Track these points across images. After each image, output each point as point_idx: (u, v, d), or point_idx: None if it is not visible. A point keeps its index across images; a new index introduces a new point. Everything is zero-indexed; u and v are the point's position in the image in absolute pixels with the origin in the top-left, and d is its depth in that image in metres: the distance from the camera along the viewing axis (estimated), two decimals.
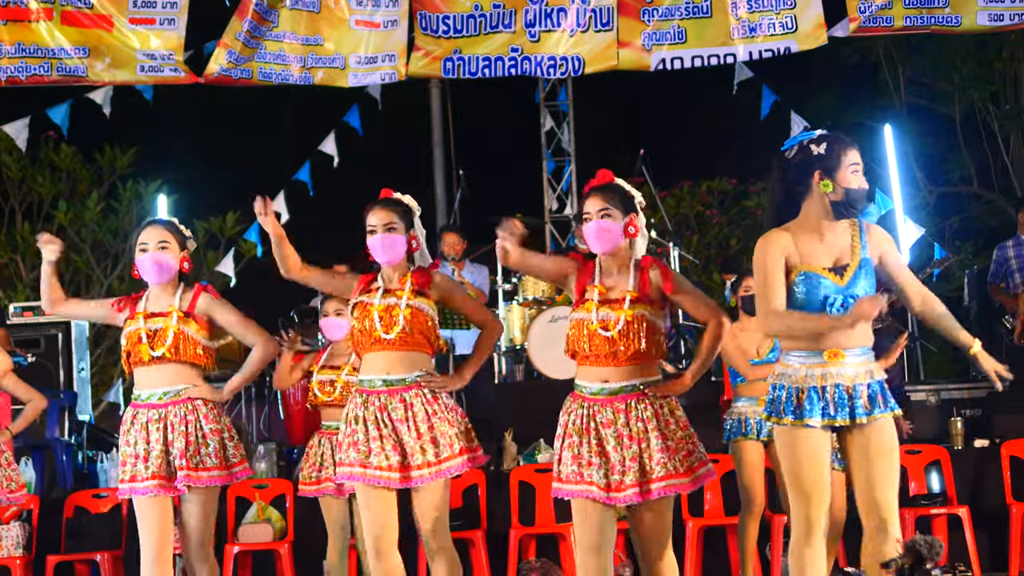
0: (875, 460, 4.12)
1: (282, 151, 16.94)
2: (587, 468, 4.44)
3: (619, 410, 4.47)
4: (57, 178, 13.73)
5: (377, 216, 4.95)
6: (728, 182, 15.24)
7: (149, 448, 5.04)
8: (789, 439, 4.17)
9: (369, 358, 4.89)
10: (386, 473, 4.75)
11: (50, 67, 9.69)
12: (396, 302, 4.86)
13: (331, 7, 10.06)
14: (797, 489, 4.16)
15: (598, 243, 4.58)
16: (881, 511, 4.12)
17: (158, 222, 5.28)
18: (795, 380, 4.19)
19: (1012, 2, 9.82)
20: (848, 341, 4.15)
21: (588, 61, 10.12)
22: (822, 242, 4.21)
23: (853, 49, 15.17)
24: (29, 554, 7.57)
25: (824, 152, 4.20)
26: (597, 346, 4.48)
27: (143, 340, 5.06)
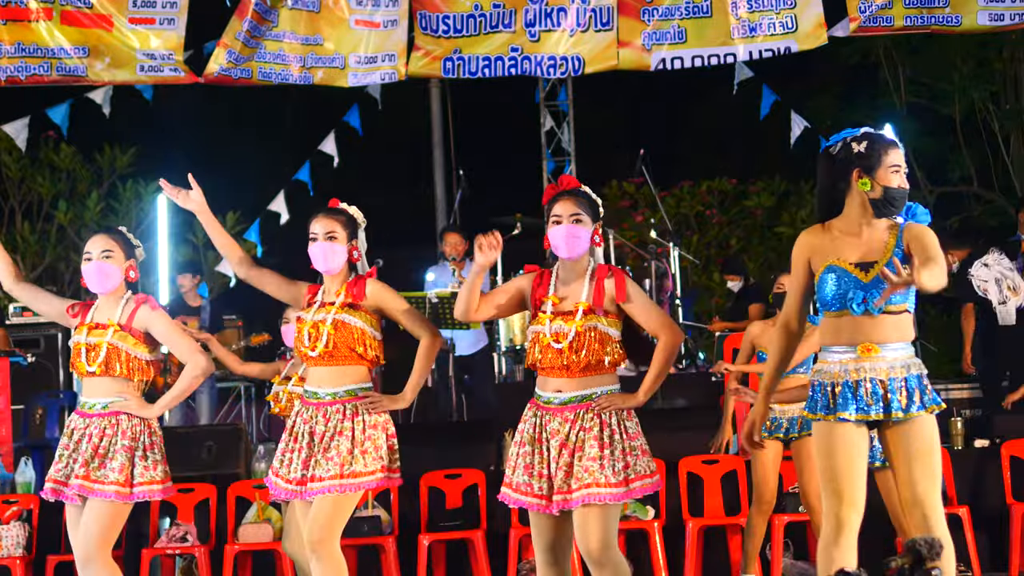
0: (915, 457, 4.10)
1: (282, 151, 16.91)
2: (537, 480, 4.49)
3: (567, 420, 4.51)
4: (57, 178, 13.74)
5: (320, 224, 4.96)
6: (728, 182, 15.23)
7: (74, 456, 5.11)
8: (823, 434, 4.15)
9: (310, 371, 4.96)
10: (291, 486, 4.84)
11: (50, 67, 9.69)
12: (324, 316, 4.88)
13: (331, 7, 10.06)
14: (829, 487, 4.13)
15: (568, 248, 4.58)
16: (924, 508, 4.08)
17: (104, 231, 5.31)
18: (831, 376, 4.18)
19: (1012, 2, 9.82)
20: (882, 336, 4.13)
21: (588, 61, 10.12)
22: (859, 239, 4.21)
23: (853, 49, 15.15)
24: (29, 554, 7.57)
25: (864, 150, 4.20)
26: (551, 358, 4.52)
27: (81, 355, 5.11)
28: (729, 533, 7.52)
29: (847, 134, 4.29)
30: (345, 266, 4.99)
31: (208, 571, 7.44)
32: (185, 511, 7.74)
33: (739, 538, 7.39)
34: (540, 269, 4.71)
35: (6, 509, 7.65)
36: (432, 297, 8.88)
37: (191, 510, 7.74)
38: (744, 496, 7.48)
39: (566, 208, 4.58)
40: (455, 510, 7.55)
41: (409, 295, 9.06)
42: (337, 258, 4.95)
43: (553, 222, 4.59)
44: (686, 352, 10.15)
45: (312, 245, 4.96)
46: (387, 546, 7.35)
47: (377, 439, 4.86)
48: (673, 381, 9.42)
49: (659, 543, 7.18)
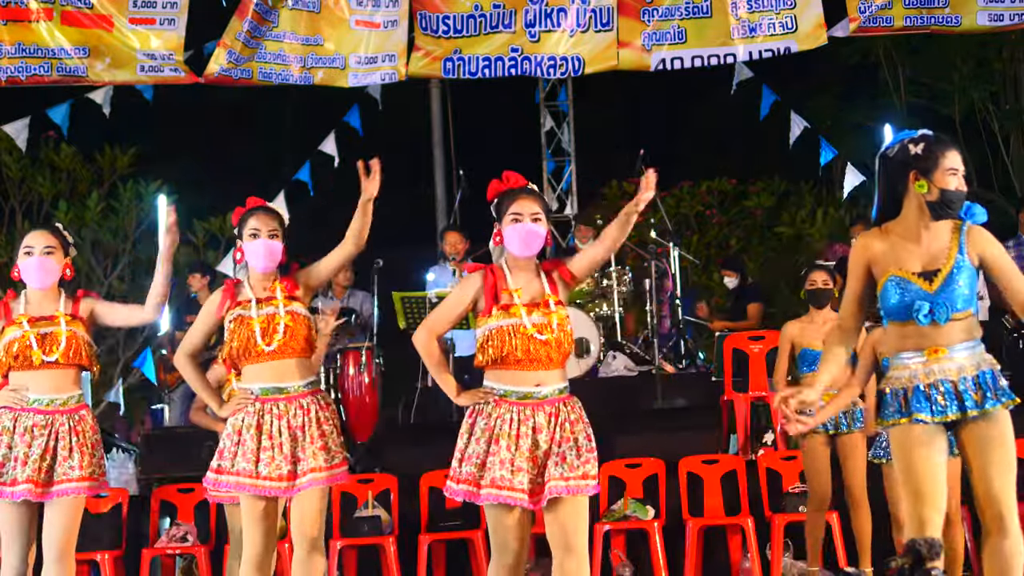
0: (989, 453, 4.07)
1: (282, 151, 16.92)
2: (517, 474, 4.43)
3: (550, 414, 4.50)
4: (57, 178, 13.73)
5: (262, 221, 4.98)
6: (728, 182, 15.23)
7: (30, 452, 5.06)
8: (901, 438, 4.14)
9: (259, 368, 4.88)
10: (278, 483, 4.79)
11: (50, 67, 9.70)
12: (275, 311, 4.88)
13: (331, 7, 10.06)
14: (909, 487, 4.11)
15: (527, 246, 4.59)
16: (999, 506, 4.06)
17: (46, 227, 5.35)
18: (902, 382, 4.17)
19: (1012, 2, 9.83)
20: (948, 339, 4.12)
21: (588, 61, 10.12)
22: (919, 244, 4.18)
23: (853, 49, 15.16)
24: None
25: (921, 152, 4.19)
26: (534, 351, 4.49)
27: (32, 345, 5.08)
28: (729, 533, 7.53)
29: (905, 136, 4.27)
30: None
31: (208, 571, 7.44)
32: (185, 511, 7.74)
33: (739, 538, 7.40)
34: (484, 266, 4.69)
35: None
36: (432, 297, 8.88)
37: (191, 510, 7.74)
38: (744, 496, 7.49)
39: (527, 207, 4.60)
40: (455, 510, 7.55)
41: (410, 295, 9.07)
42: (278, 254, 4.99)
43: (512, 219, 4.59)
44: (686, 352, 10.15)
45: (252, 242, 4.97)
46: (387, 546, 7.35)
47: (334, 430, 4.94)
48: (673, 381, 9.43)
49: (659, 543, 7.19)
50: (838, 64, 15.56)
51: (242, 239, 5.02)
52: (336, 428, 4.94)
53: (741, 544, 7.39)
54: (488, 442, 4.50)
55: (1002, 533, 4.05)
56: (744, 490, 7.50)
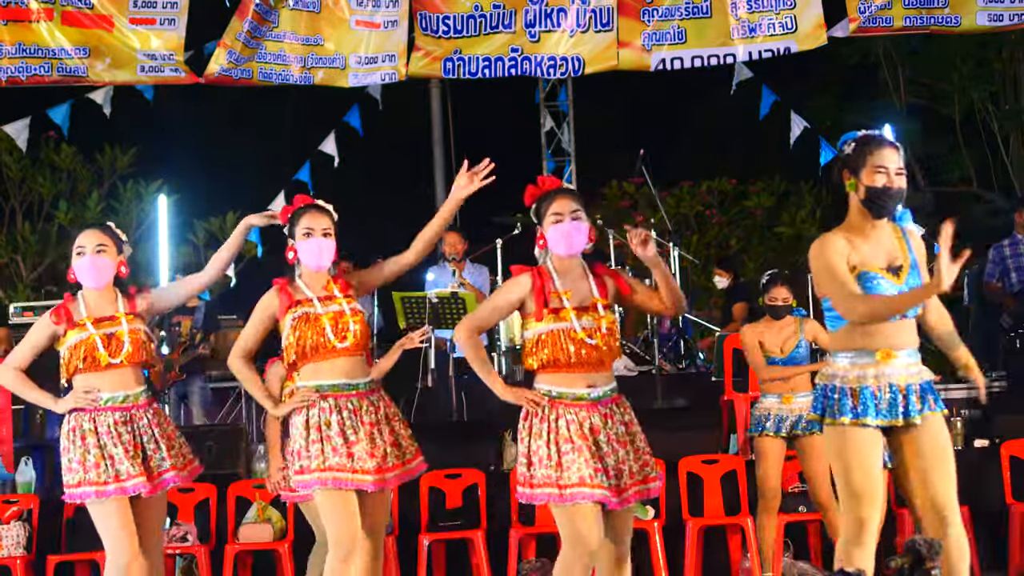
0: (931, 458, 4.11)
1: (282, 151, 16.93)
2: (598, 475, 4.43)
3: (604, 415, 4.52)
4: (57, 178, 13.74)
5: (316, 221, 4.98)
6: (728, 182, 15.23)
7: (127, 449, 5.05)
8: (842, 439, 4.14)
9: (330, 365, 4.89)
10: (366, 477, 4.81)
11: (50, 67, 9.71)
12: (341, 308, 4.92)
13: (331, 7, 10.07)
14: (848, 489, 4.13)
15: (570, 244, 4.57)
16: (942, 509, 4.10)
17: (96, 226, 5.29)
18: (848, 380, 4.17)
19: (1012, 2, 9.84)
20: (900, 341, 4.14)
21: (588, 61, 10.13)
22: (872, 242, 4.21)
23: (853, 49, 15.17)
24: (29, 554, 7.57)
25: (852, 151, 4.22)
26: (585, 355, 4.48)
27: (99, 347, 5.07)
28: (729, 533, 7.53)
29: (849, 137, 4.30)
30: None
31: (208, 571, 7.44)
32: (185, 511, 7.74)
33: (739, 538, 7.40)
34: (530, 268, 4.65)
35: (6, 509, 7.65)
36: (432, 297, 8.88)
37: (191, 510, 7.74)
38: (744, 496, 7.49)
39: (566, 205, 4.56)
40: (455, 510, 7.56)
41: (410, 295, 9.07)
42: (332, 254, 5.00)
43: (553, 220, 4.56)
44: (686, 352, 10.15)
45: (307, 241, 4.96)
46: (387, 546, 7.35)
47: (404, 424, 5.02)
48: (673, 381, 9.43)
49: (659, 543, 7.19)
50: (838, 64, 15.57)
51: (294, 238, 4.99)
52: (404, 423, 5.00)
53: (741, 544, 7.39)
54: (556, 443, 4.48)
55: (947, 535, 4.10)
56: (744, 490, 7.50)
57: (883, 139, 4.27)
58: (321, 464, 4.75)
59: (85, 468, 5.03)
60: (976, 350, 9.08)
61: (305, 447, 4.80)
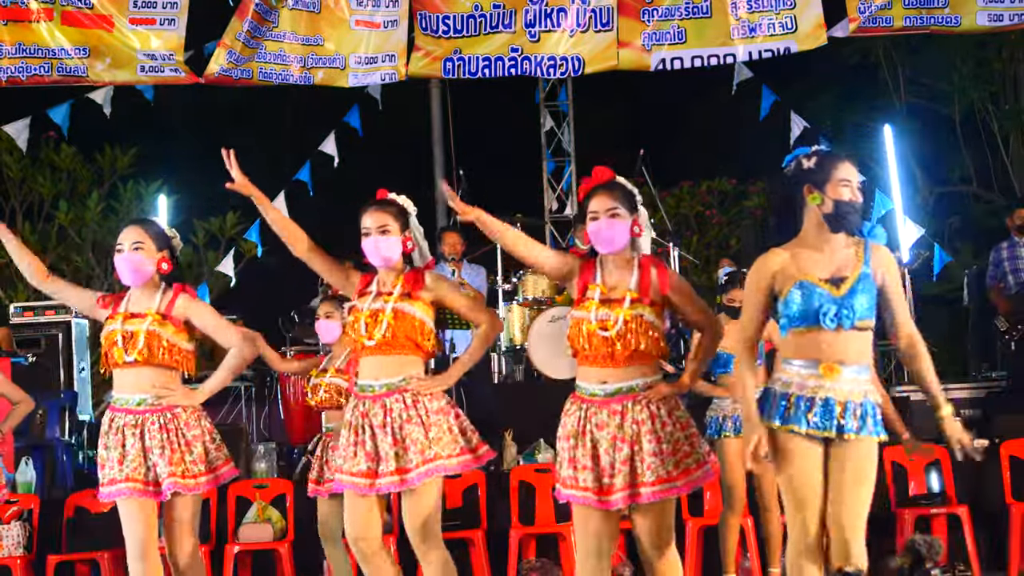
0: (848, 478, 4.11)
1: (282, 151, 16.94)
2: (581, 472, 4.43)
3: (615, 412, 4.45)
4: (58, 178, 13.74)
5: (371, 218, 4.92)
6: (728, 182, 15.25)
7: (125, 452, 5.00)
8: (779, 444, 4.17)
9: (363, 362, 4.91)
10: (358, 479, 4.80)
11: (50, 67, 9.71)
12: (383, 306, 4.85)
13: (331, 7, 10.07)
14: (790, 495, 4.17)
15: (606, 243, 4.53)
16: (844, 530, 4.09)
17: (137, 222, 5.23)
18: (787, 386, 4.19)
19: (1012, 2, 9.84)
20: (846, 355, 4.14)
21: (588, 61, 10.13)
22: (822, 254, 4.22)
23: (853, 49, 15.19)
24: (30, 554, 7.58)
25: (814, 166, 4.24)
26: (596, 346, 4.46)
27: (118, 343, 5.01)
28: None
29: (798, 153, 4.32)
30: (401, 258, 4.97)
31: (208, 571, 7.43)
32: None
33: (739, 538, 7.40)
34: (584, 257, 4.64)
35: (7, 509, 7.65)
36: None
37: None
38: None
39: (602, 203, 4.53)
40: (455, 510, 7.55)
41: None
42: (392, 250, 4.92)
43: (590, 218, 4.54)
44: (686, 352, 10.14)
45: (365, 240, 4.93)
46: (387, 546, 7.34)
47: (444, 423, 4.85)
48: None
49: None
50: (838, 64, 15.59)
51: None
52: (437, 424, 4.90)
53: (741, 544, 7.38)
54: (563, 439, 4.53)
55: (843, 554, 4.08)
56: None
57: (841, 153, 4.33)
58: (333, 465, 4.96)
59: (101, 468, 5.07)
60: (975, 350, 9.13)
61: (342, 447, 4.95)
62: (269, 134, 18.30)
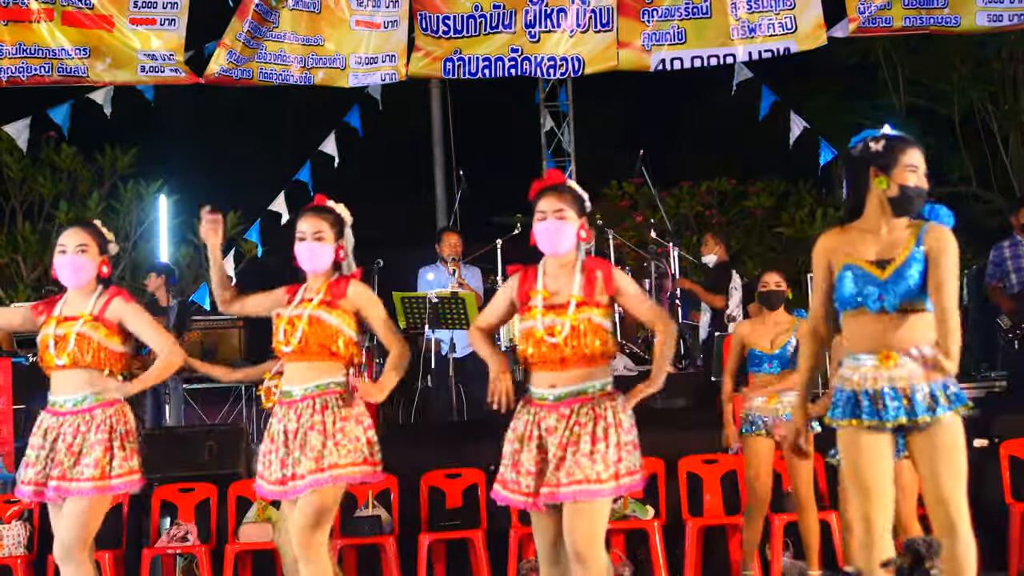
0: (939, 459, 4.09)
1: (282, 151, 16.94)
2: (524, 477, 4.44)
3: (563, 416, 4.46)
4: (58, 178, 13.75)
5: (308, 224, 4.96)
6: (728, 182, 15.25)
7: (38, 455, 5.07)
8: (848, 439, 4.17)
9: (286, 368, 4.97)
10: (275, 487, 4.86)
11: (51, 67, 9.72)
12: (301, 312, 4.90)
13: (332, 7, 10.08)
14: (856, 489, 4.15)
15: (551, 244, 4.55)
16: (949, 511, 4.08)
17: (80, 224, 5.24)
18: (852, 383, 4.19)
19: (1011, 2, 9.85)
20: (899, 341, 4.13)
21: (588, 61, 10.14)
22: (877, 236, 4.23)
23: (852, 49, 15.18)
24: (30, 553, 7.58)
25: (881, 149, 4.23)
26: (544, 353, 4.47)
27: (50, 346, 5.05)
28: (729, 533, 7.53)
29: (866, 135, 4.32)
30: (331, 265, 5.01)
31: (209, 571, 7.44)
32: (186, 511, 7.75)
33: (739, 537, 7.40)
34: (523, 267, 4.68)
35: (7, 509, 7.65)
36: (432, 297, 8.89)
37: (192, 510, 7.75)
38: (744, 496, 7.49)
39: (550, 204, 4.55)
40: (455, 510, 7.56)
41: (409, 295, 9.07)
42: (324, 258, 4.97)
43: (538, 218, 4.57)
44: (685, 352, 10.15)
45: (299, 244, 4.97)
46: (387, 546, 7.36)
47: (351, 431, 4.87)
48: (672, 381, 9.40)
49: (659, 543, 7.19)
50: (838, 64, 15.59)
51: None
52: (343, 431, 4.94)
53: (741, 544, 7.38)
54: (510, 442, 4.56)
55: (953, 537, 4.07)
56: (744, 490, 7.49)
57: (910, 139, 4.30)
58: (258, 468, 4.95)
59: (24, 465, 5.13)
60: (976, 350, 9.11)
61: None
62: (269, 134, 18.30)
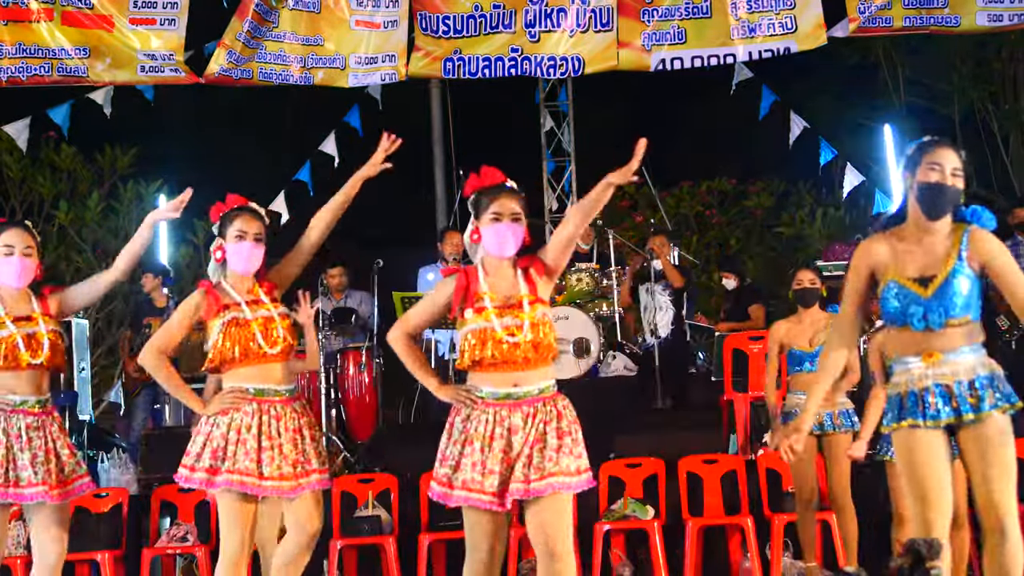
0: (987, 457, 4.07)
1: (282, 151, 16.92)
2: (488, 477, 4.37)
3: (528, 414, 4.42)
4: (58, 178, 13.74)
5: (249, 224, 4.94)
6: (728, 182, 15.25)
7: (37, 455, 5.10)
8: (902, 442, 4.16)
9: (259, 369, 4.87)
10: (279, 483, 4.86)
11: (51, 67, 9.71)
12: (270, 313, 4.89)
13: (331, 7, 10.08)
14: (913, 491, 4.12)
15: (506, 246, 4.52)
16: (997, 510, 4.06)
17: (22, 226, 5.25)
18: (899, 387, 4.18)
19: (1011, 2, 9.84)
20: (943, 344, 4.12)
21: (588, 61, 10.14)
22: (919, 247, 4.19)
23: (853, 49, 15.17)
24: (30, 554, 7.57)
25: (912, 152, 4.24)
26: (505, 352, 4.40)
27: (20, 346, 5.04)
28: (729, 533, 7.53)
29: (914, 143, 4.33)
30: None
31: (208, 571, 7.44)
32: (185, 511, 7.75)
33: (739, 538, 7.41)
34: (459, 269, 4.61)
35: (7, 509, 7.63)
36: None
37: (191, 510, 7.74)
38: (744, 496, 7.49)
39: (507, 206, 4.52)
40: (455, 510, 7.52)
41: (410, 295, 9.07)
42: (258, 260, 4.98)
43: (492, 219, 4.51)
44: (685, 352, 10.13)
45: (239, 244, 4.92)
46: (387, 546, 7.36)
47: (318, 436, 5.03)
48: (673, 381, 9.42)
49: (659, 543, 7.19)
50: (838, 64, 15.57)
51: (225, 239, 4.95)
52: (320, 434, 5.06)
53: (741, 544, 7.39)
54: (463, 444, 4.44)
55: (1002, 537, 4.05)
56: (744, 490, 7.50)
57: (942, 140, 4.26)
58: (230, 466, 4.76)
59: None
60: None
61: (218, 447, 4.79)
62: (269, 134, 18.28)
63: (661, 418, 8.89)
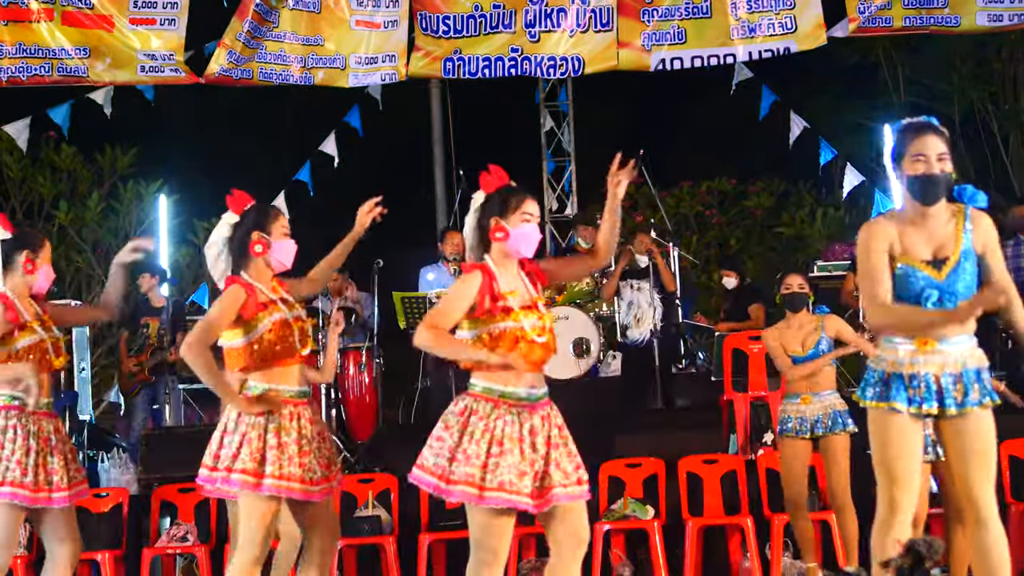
0: (969, 451, 4.11)
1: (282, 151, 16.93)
2: (522, 479, 4.33)
3: (544, 416, 4.43)
4: (58, 178, 13.74)
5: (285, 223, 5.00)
6: (728, 182, 15.24)
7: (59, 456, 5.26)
8: (877, 420, 4.15)
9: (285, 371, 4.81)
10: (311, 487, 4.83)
11: (51, 67, 9.72)
12: (300, 315, 4.88)
13: (332, 7, 10.08)
14: (883, 470, 4.13)
15: (532, 247, 4.56)
16: (978, 503, 4.11)
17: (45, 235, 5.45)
18: (886, 364, 4.16)
19: (1011, 2, 9.85)
20: (947, 332, 4.11)
21: (588, 61, 10.14)
22: (923, 230, 4.17)
23: (852, 49, 15.17)
24: (30, 554, 7.57)
25: (896, 141, 4.24)
26: (532, 353, 4.39)
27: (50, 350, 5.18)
28: (729, 533, 7.53)
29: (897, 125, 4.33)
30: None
31: (208, 571, 7.44)
32: (186, 511, 7.75)
33: (739, 538, 7.41)
34: (479, 265, 4.55)
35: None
36: (432, 297, 8.89)
37: (191, 510, 7.75)
38: (744, 496, 7.50)
39: (536, 209, 4.57)
40: (455, 510, 7.54)
41: (410, 295, 9.08)
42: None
43: (524, 219, 4.52)
44: (685, 351, 10.15)
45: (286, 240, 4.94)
46: (387, 546, 7.36)
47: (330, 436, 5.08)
48: (673, 381, 9.43)
49: (659, 543, 7.19)
50: (838, 64, 15.57)
51: (270, 235, 4.89)
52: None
53: (741, 544, 7.39)
54: (489, 444, 4.36)
55: (984, 529, 4.13)
56: (744, 490, 7.50)
57: (923, 124, 4.24)
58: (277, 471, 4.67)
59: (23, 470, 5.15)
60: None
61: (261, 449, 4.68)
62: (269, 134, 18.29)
63: (661, 418, 8.89)
